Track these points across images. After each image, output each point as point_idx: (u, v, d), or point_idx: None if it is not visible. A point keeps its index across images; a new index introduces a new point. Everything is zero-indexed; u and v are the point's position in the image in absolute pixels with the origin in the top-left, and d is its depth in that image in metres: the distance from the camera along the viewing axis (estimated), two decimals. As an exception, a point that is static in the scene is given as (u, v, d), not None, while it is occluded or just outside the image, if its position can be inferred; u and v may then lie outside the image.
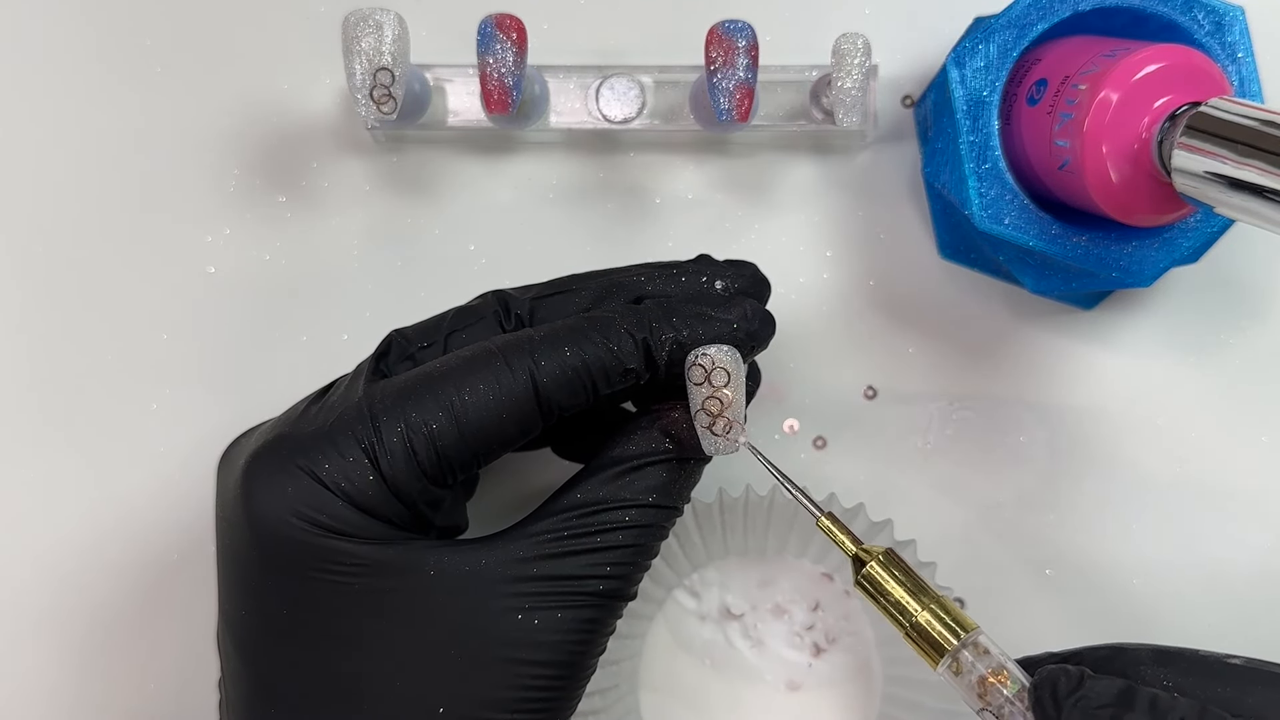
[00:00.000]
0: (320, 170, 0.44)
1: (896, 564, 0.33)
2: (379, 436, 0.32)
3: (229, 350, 0.43)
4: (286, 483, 0.31)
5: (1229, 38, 0.37)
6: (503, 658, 0.31)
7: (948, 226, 0.43)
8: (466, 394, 0.32)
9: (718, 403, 0.32)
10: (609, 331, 0.33)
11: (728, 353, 0.32)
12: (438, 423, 0.32)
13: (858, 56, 0.38)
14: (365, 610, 0.32)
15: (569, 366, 0.32)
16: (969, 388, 0.44)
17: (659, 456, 0.34)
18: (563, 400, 0.33)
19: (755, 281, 0.37)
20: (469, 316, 0.35)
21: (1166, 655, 0.31)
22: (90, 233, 0.44)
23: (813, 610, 0.43)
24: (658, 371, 0.33)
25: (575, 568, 0.32)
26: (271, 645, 0.32)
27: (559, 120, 0.42)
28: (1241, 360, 0.43)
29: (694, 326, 0.34)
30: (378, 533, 0.32)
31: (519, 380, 0.32)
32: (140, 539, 0.43)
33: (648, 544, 0.33)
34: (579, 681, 0.33)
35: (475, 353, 0.33)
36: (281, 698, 0.32)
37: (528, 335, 0.33)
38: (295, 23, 0.44)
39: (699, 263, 0.37)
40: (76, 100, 0.44)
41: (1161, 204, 0.34)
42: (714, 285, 0.36)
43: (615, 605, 0.33)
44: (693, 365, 0.32)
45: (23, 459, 0.43)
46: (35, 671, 0.43)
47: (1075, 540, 0.43)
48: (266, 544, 0.32)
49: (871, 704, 0.43)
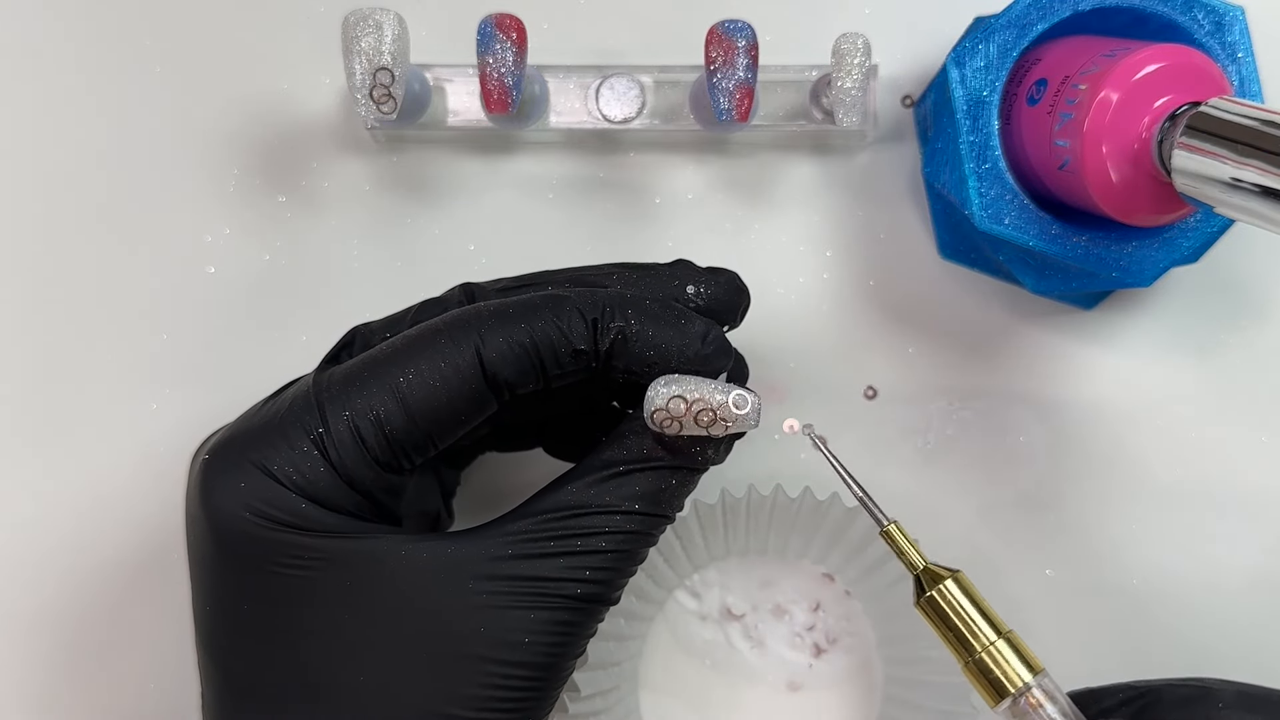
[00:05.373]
0: (320, 170, 0.44)
1: (967, 588, 0.32)
2: (326, 425, 0.31)
3: (229, 350, 0.43)
4: (240, 478, 0.31)
5: (1229, 38, 0.37)
6: (471, 654, 0.31)
7: (948, 226, 0.43)
8: (411, 374, 0.31)
9: (707, 415, 0.31)
10: (560, 310, 0.32)
11: (664, 386, 0.31)
12: (384, 406, 0.31)
13: (858, 56, 0.38)
14: (327, 604, 0.31)
15: (515, 342, 0.31)
16: (969, 388, 0.43)
17: (651, 464, 0.32)
18: (510, 377, 0.32)
19: (732, 290, 0.35)
20: (434, 309, 0.34)
21: (1252, 699, 0.30)
22: (90, 233, 0.44)
23: (813, 611, 0.43)
24: (598, 358, 0.32)
25: (552, 569, 0.31)
26: (236, 643, 0.32)
27: (559, 120, 0.42)
28: (1241, 360, 0.43)
29: (645, 324, 0.32)
30: (334, 524, 0.31)
31: (464, 356, 0.31)
32: (141, 539, 0.43)
33: (633, 550, 0.32)
34: (553, 683, 0.32)
35: (420, 331, 0.32)
36: (247, 695, 0.32)
37: (476, 310, 0.32)
38: (295, 23, 0.44)
39: (675, 267, 0.35)
40: (76, 100, 0.44)
41: (1161, 204, 0.34)
42: (685, 290, 0.34)
43: (595, 609, 0.32)
44: (658, 417, 0.31)
45: (23, 459, 0.43)
46: (34, 670, 0.43)
47: (1075, 540, 0.43)
48: (224, 540, 0.31)
49: (872, 704, 0.43)
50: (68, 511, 0.43)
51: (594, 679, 0.40)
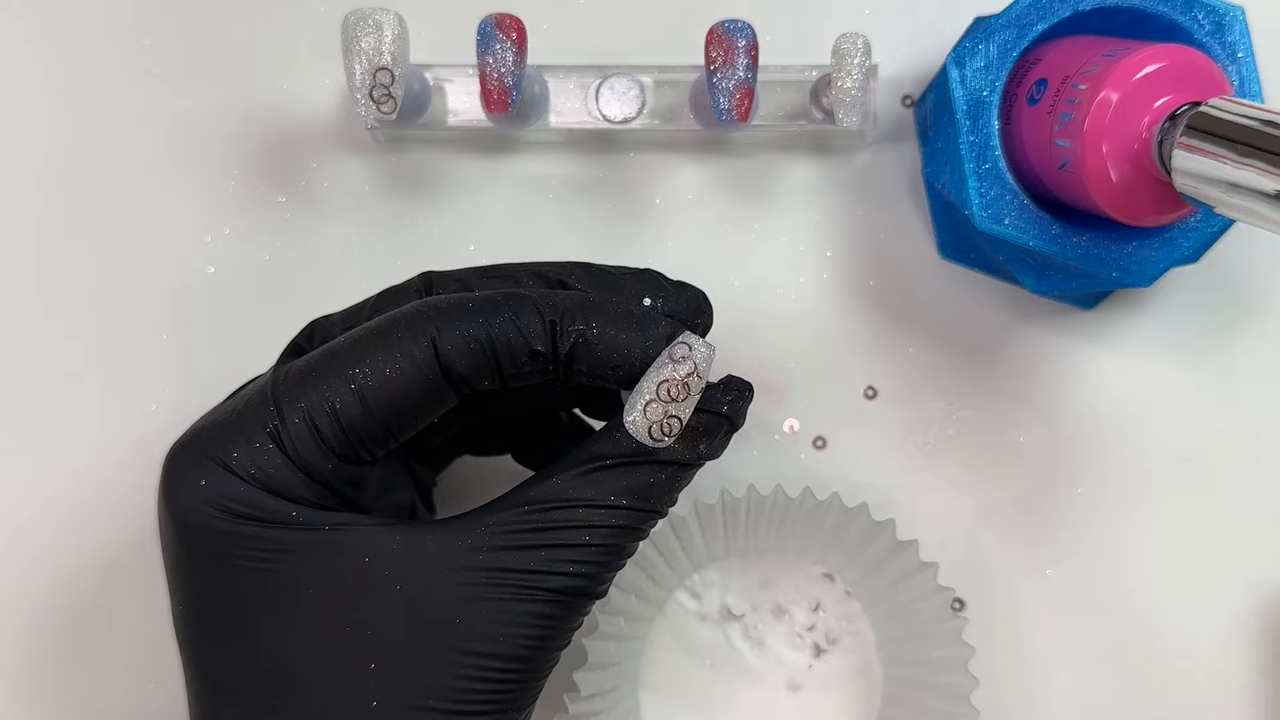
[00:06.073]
0: (320, 170, 0.44)
1: None
2: (282, 419, 0.31)
3: (229, 350, 0.43)
4: (200, 475, 0.31)
5: (1229, 37, 0.37)
6: (447, 647, 0.30)
7: (948, 226, 0.43)
8: (368, 366, 0.31)
9: (683, 390, 0.31)
10: (520, 309, 0.31)
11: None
12: (340, 399, 0.31)
13: (858, 56, 0.38)
14: (294, 595, 0.31)
15: (472, 338, 0.31)
16: (969, 388, 0.43)
17: (640, 459, 0.32)
18: (465, 371, 0.31)
19: (693, 309, 0.34)
20: (394, 298, 0.34)
21: None
22: (89, 232, 0.44)
23: (813, 611, 0.43)
24: (558, 360, 0.32)
25: (532, 562, 0.31)
26: (211, 642, 0.32)
27: (559, 120, 0.42)
28: (1241, 360, 0.43)
29: (606, 327, 0.31)
30: (296, 516, 0.31)
31: (421, 349, 0.31)
32: (140, 538, 0.43)
33: (620, 545, 0.32)
34: (534, 677, 0.32)
35: (378, 324, 0.32)
36: (225, 693, 0.31)
37: (433, 303, 0.32)
38: (295, 23, 0.44)
39: (640, 276, 0.34)
40: (76, 100, 0.44)
41: (1161, 204, 0.34)
42: (640, 301, 0.33)
43: (578, 603, 0.32)
44: (678, 343, 0.31)
45: (22, 458, 0.43)
46: (34, 669, 0.43)
47: (1075, 540, 0.43)
48: (189, 537, 0.31)
49: (872, 704, 0.43)
50: (67, 511, 0.43)
51: (594, 679, 0.40)
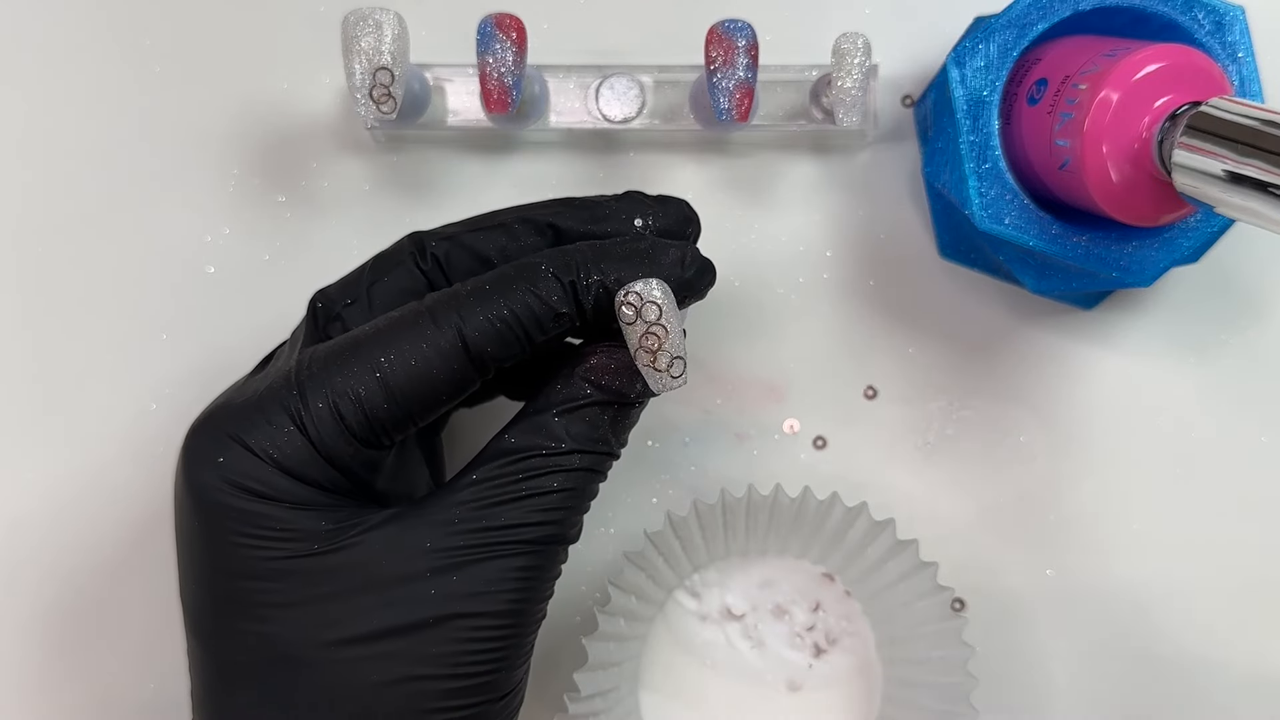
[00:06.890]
0: (320, 170, 0.44)
1: None
2: (305, 402, 0.32)
3: (229, 350, 0.43)
4: (219, 452, 0.32)
5: (1229, 37, 0.37)
6: (439, 615, 0.31)
7: (948, 226, 0.43)
8: (393, 354, 0.32)
9: (654, 339, 0.32)
10: (535, 278, 0.32)
11: (655, 286, 0.32)
12: (365, 386, 0.32)
13: (858, 56, 0.38)
14: (300, 576, 0.32)
15: (497, 319, 0.32)
16: (969, 388, 0.43)
17: (589, 399, 0.33)
18: (496, 352, 0.32)
19: (680, 219, 0.36)
20: (387, 263, 0.35)
21: None
22: (89, 233, 0.44)
23: (813, 611, 0.43)
24: (585, 316, 0.33)
25: (505, 518, 0.32)
26: (215, 617, 0.32)
27: (559, 120, 0.42)
28: (1241, 360, 0.43)
29: (621, 270, 0.33)
30: (307, 498, 0.32)
31: (446, 337, 0.32)
32: (140, 538, 0.43)
33: (582, 488, 0.33)
34: (524, 630, 0.33)
35: (403, 313, 0.33)
36: (232, 673, 0.32)
37: (454, 291, 0.33)
38: (295, 23, 0.44)
39: (623, 200, 0.36)
40: (75, 100, 0.44)
41: (1162, 204, 0.34)
42: (633, 224, 0.35)
43: (553, 550, 0.33)
44: (621, 305, 0.32)
45: (22, 457, 0.43)
46: (33, 670, 0.43)
47: (1075, 540, 0.43)
48: (203, 513, 0.32)
49: (872, 704, 0.43)
50: (67, 510, 0.43)
51: (594, 679, 0.40)
